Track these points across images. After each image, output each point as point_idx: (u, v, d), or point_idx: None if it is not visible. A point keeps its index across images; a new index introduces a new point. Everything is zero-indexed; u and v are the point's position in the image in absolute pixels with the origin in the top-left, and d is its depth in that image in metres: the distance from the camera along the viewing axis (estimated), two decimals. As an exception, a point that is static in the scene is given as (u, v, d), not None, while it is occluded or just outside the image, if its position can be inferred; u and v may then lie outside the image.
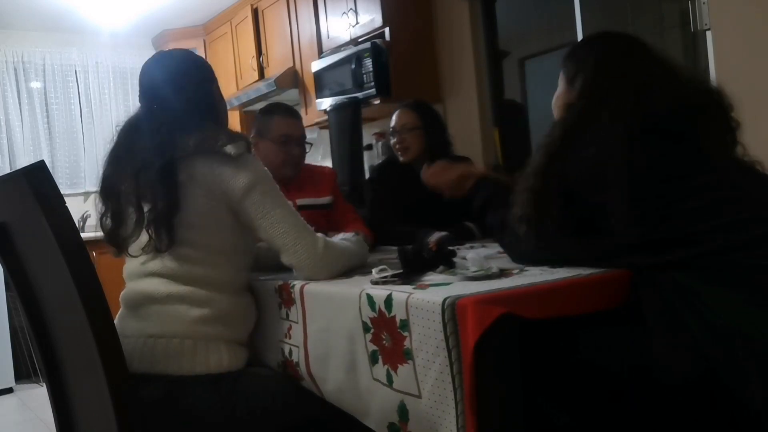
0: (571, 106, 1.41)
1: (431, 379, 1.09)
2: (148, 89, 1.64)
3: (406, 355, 1.14)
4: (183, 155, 1.50)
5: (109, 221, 1.59)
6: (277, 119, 2.29)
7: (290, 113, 2.34)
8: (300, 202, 2.29)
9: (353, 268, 1.60)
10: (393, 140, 2.55)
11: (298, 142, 2.29)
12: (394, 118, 2.56)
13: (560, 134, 1.36)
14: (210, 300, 1.50)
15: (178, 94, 1.59)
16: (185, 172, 1.50)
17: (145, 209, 1.50)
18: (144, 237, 1.51)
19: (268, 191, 1.53)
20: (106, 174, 1.59)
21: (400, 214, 2.45)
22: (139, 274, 1.54)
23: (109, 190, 1.58)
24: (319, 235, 1.58)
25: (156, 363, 1.46)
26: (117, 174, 1.57)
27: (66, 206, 1.28)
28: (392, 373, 1.18)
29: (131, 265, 1.60)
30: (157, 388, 1.44)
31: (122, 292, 1.61)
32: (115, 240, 1.60)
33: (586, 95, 1.39)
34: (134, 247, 1.54)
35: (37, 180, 1.24)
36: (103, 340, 1.27)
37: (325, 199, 2.37)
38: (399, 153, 2.54)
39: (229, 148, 1.49)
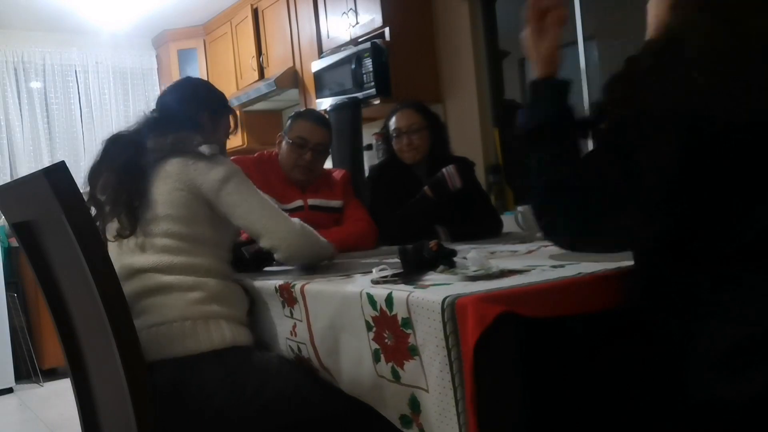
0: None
1: (434, 376, 1.10)
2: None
3: (412, 352, 1.14)
4: (159, 156, 1.62)
5: (100, 225, 1.66)
6: (299, 121, 2.33)
7: (315, 119, 2.36)
8: (311, 202, 2.30)
9: (322, 258, 1.73)
10: (398, 142, 2.48)
11: (312, 147, 2.28)
12: (395, 119, 2.50)
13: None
14: (199, 284, 1.58)
15: (165, 111, 1.77)
16: (162, 169, 1.61)
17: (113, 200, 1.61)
18: (115, 225, 1.61)
19: (242, 182, 1.64)
20: (88, 178, 1.69)
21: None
22: (126, 275, 1.59)
23: (91, 195, 1.67)
24: (295, 219, 1.68)
25: (162, 349, 1.52)
26: (94, 176, 1.68)
27: (85, 204, 1.38)
28: (398, 369, 1.19)
29: (116, 267, 1.62)
30: (168, 373, 1.49)
31: None
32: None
33: None
34: (109, 234, 1.63)
35: (57, 179, 1.31)
36: (120, 330, 1.35)
37: (336, 203, 2.37)
38: (405, 154, 2.48)
39: (204, 148, 1.62)
